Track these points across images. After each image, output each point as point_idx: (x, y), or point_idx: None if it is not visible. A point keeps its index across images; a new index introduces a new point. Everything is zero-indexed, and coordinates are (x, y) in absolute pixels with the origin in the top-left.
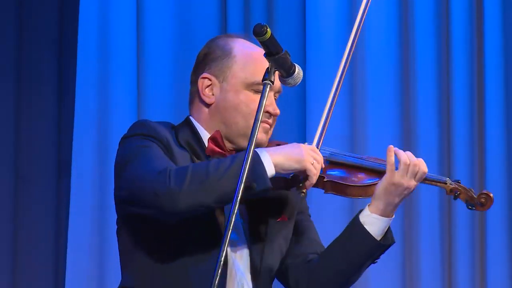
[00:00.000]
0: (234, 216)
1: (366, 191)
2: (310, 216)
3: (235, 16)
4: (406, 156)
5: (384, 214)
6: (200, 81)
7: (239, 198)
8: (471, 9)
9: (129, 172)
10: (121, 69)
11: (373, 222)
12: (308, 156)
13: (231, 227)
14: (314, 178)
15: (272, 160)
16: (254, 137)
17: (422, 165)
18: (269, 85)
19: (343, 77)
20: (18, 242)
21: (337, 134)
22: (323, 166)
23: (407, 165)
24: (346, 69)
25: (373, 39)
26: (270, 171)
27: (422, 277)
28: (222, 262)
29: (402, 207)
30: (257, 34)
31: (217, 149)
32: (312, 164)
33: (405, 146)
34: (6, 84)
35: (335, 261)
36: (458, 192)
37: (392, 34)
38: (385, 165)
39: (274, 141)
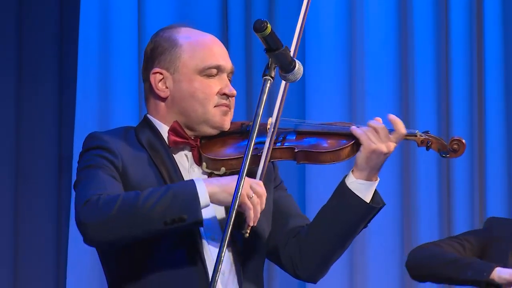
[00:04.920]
0: (233, 214)
1: (338, 156)
2: (286, 189)
3: (236, 13)
4: (373, 122)
5: (369, 178)
6: (152, 77)
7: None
8: (471, 4)
9: (75, 197)
10: (122, 65)
11: (359, 187)
12: (246, 190)
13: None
14: (250, 213)
15: (208, 190)
16: (254, 133)
17: (399, 125)
18: (269, 81)
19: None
20: (19, 238)
21: None
22: (260, 202)
23: (379, 128)
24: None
25: (372, 35)
26: (205, 201)
27: None
28: (221, 260)
29: (401, 207)
30: (257, 30)
31: (178, 139)
32: (251, 198)
33: (404, 142)
34: (7, 81)
35: (327, 229)
36: (430, 142)
37: (390, 31)
38: (350, 127)
39: (238, 122)
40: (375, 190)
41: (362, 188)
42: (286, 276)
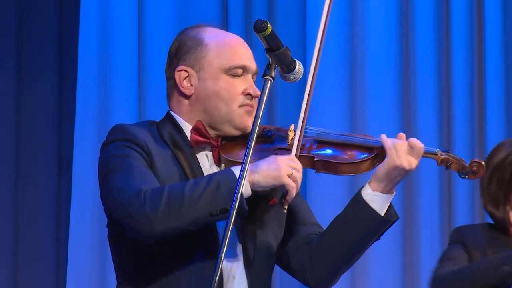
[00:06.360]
0: (233, 214)
1: (357, 168)
2: (302, 197)
3: (236, 13)
4: (402, 135)
5: (385, 191)
6: (177, 74)
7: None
8: (472, 5)
9: (109, 184)
10: (122, 66)
11: (375, 199)
12: (285, 170)
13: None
14: (293, 192)
15: (249, 180)
16: (254, 133)
17: (416, 142)
18: (269, 81)
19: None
20: (19, 238)
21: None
22: (301, 177)
23: (404, 145)
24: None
25: (373, 36)
26: (247, 192)
27: (421, 277)
28: (221, 260)
29: (402, 206)
30: (257, 30)
31: (201, 138)
32: (291, 175)
33: None
34: (7, 81)
35: (339, 239)
36: (450, 162)
37: (392, 31)
38: (373, 140)
39: (260, 126)
40: (390, 203)
41: (378, 200)
42: (286, 276)
